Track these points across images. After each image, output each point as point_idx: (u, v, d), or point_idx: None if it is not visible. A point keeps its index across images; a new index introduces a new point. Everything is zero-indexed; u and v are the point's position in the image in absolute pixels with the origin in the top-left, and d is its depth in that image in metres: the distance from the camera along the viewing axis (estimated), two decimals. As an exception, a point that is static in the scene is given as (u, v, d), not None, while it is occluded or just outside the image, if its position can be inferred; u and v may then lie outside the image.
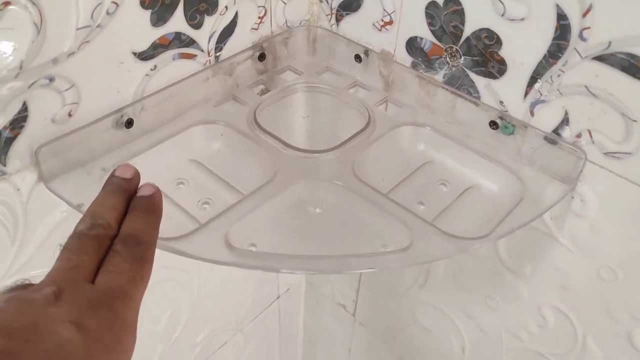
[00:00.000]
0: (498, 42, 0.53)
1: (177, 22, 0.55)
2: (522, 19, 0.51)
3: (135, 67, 0.53)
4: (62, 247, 0.30)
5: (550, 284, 0.62)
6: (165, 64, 0.56)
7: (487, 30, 0.54)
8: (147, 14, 0.52)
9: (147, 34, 0.53)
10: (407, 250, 0.48)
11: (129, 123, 0.54)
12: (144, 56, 0.53)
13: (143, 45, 0.53)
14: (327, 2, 0.67)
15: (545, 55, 0.51)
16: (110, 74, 0.52)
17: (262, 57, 0.65)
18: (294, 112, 0.67)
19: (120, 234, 0.32)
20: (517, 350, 0.71)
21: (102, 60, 0.50)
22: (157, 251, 0.33)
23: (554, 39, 0.49)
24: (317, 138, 0.68)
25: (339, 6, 0.66)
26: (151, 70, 0.55)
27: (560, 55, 0.50)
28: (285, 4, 0.65)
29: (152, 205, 0.35)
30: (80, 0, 0.45)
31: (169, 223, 0.51)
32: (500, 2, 0.51)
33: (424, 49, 0.60)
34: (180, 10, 0.54)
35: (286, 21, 0.67)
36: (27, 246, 0.53)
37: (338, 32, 0.68)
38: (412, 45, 0.61)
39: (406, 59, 0.63)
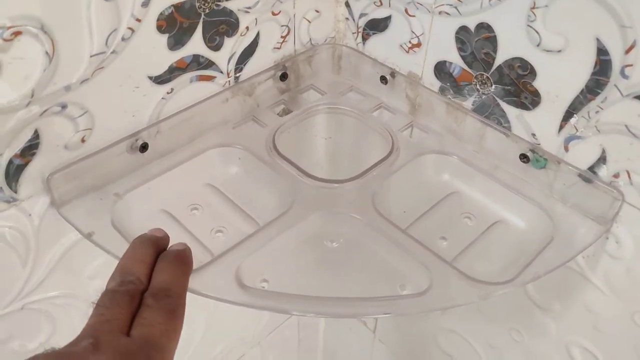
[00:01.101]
0: (532, 72, 0.50)
1: (196, 44, 0.53)
2: (559, 51, 0.47)
3: (151, 91, 0.52)
4: (94, 305, 0.30)
5: (580, 323, 0.59)
6: (182, 87, 0.54)
7: (521, 59, 0.50)
8: (164, 38, 0.50)
9: (164, 58, 0.51)
10: (424, 295, 0.45)
11: (144, 147, 0.53)
12: (160, 80, 0.52)
13: (159, 70, 0.51)
14: (354, 20, 0.64)
15: (582, 90, 0.47)
16: (125, 99, 0.50)
17: (284, 76, 0.63)
18: (315, 134, 0.64)
19: (150, 286, 0.32)
20: (542, 387, 0.67)
21: (116, 86, 0.49)
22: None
23: (593, 74, 0.46)
24: (338, 162, 0.66)
25: (365, 25, 0.63)
26: (168, 93, 0.53)
27: (600, 91, 0.46)
28: (310, 22, 0.63)
29: (181, 256, 0.36)
30: (94, 27, 0.44)
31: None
32: (536, 31, 0.48)
33: (453, 74, 0.57)
34: (199, 33, 0.52)
35: (310, 39, 0.65)
36: (38, 270, 0.52)
37: (364, 51, 0.65)
38: (441, 69, 0.58)
39: (434, 83, 0.60)
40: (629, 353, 0.56)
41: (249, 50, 0.59)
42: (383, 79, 0.63)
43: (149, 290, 0.32)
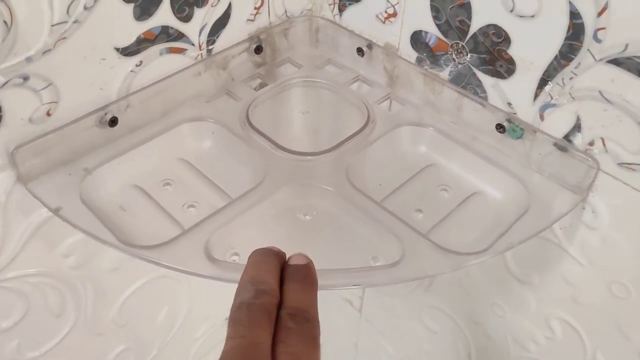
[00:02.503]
0: (506, 39, 0.49)
1: (164, 15, 0.52)
2: (533, 16, 0.46)
3: (119, 63, 0.51)
4: (229, 320, 0.28)
5: (559, 295, 0.58)
6: (152, 59, 0.53)
7: (495, 26, 0.49)
8: (129, 7, 0.49)
9: (131, 29, 0.50)
10: (396, 266, 0.44)
11: (113, 121, 0.52)
12: (128, 52, 0.51)
13: (126, 41, 0.50)
14: (330, -10, 0.63)
15: (556, 56, 0.46)
16: (92, 71, 0.49)
17: (259, 49, 0.62)
18: (292, 109, 0.63)
19: (285, 305, 0.30)
20: (524, 361, 0.67)
21: (81, 57, 0.48)
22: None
23: (567, 38, 0.45)
24: (315, 136, 0.65)
25: (341, -5, 0.62)
26: (137, 66, 0.52)
27: (573, 56, 0.45)
28: (284, -7, 0.62)
29: (309, 276, 0.33)
30: (53, -5, 0.43)
31: (152, 227, 0.50)
32: (509, -4, 0.47)
33: (429, 44, 0.56)
34: (166, 3, 0.51)
35: (285, 11, 0.63)
36: (7, 247, 0.51)
37: (341, 23, 0.64)
38: (417, 39, 0.57)
39: (411, 54, 0.59)
40: (609, 325, 0.55)
41: (221, 22, 0.57)
42: (360, 51, 0.62)
43: (285, 309, 0.30)
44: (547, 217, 0.49)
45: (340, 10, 0.63)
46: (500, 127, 0.53)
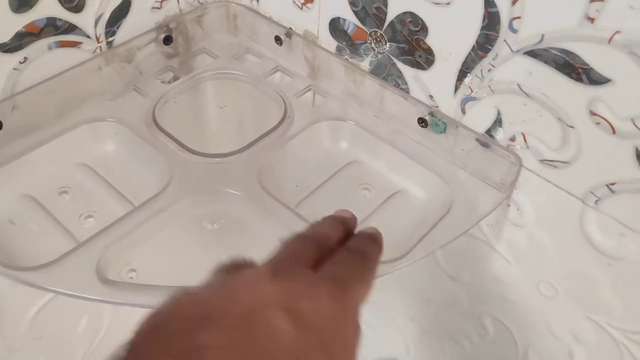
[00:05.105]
0: (424, 28, 0.46)
1: (48, 5, 0.46)
2: (448, 4, 0.43)
3: (-2, 61, 0.46)
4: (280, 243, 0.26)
5: (489, 293, 0.56)
6: (39, 55, 0.48)
7: (412, 14, 0.46)
8: (3, -2, 0.43)
9: (8, 23, 0.45)
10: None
11: (-3, 126, 0.47)
12: (7, 48, 0.46)
13: (4, 36, 0.45)
14: (245, -26, 0.58)
15: (474, 46, 0.43)
16: (-36, 71, 0.44)
17: (168, 39, 0.57)
18: (207, 103, 0.59)
19: (345, 245, 0.28)
20: (459, 357, 0.65)
21: (-53, 57, 0.42)
22: None
23: (483, 28, 0.42)
24: (231, 134, 0.61)
25: (257, -21, 0.58)
26: (20, 63, 0.47)
27: (490, 47, 0.42)
28: (193, -23, 0.57)
29: (376, 236, 0.30)
30: None
31: (43, 243, 0.45)
32: (423, -18, 0.43)
33: (348, 32, 0.52)
34: (50, -9, 0.46)
35: (197, -3, 0.59)
36: None
37: (259, 9, 0.59)
38: (336, 27, 0.53)
39: (331, 42, 0.55)
40: (539, 324, 0.53)
41: (121, 11, 0.52)
42: (278, 40, 0.58)
43: (343, 247, 0.27)
44: (471, 216, 0.46)
45: (257, -5, 0.59)
46: (422, 122, 0.50)
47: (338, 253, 0.25)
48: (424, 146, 0.51)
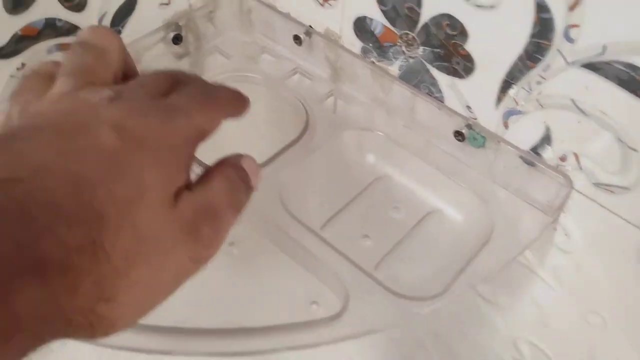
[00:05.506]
0: (463, 33, 0.41)
1: (46, 5, 0.42)
2: (492, 7, 0.38)
3: (-8, 68, 0.41)
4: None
5: (528, 319, 0.52)
6: (37, 59, 0.44)
7: (449, 16, 0.41)
8: (-5, -1, 0.39)
9: (3, 25, 0.40)
10: (339, 318, 0.37)
11: (-9, 139, 0.43)
12: (3, 53, 0.41)
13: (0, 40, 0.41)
14: (262, -34, 0.53)
15: (521, 55, 0.38)
16: (-47, 81, 0.40)
17: (177, 38, 0.52)
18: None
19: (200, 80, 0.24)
20: (490, 379, 0.61)
21: None
22: None
23: (533, 35, 0.37)
24: (244, 145, 0.56)
25: (275, -28, 0.53)
26: (18, 69, 0.43)
27: (541, 57, 0.37)
28: (206, -30, 0.52)
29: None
30: None
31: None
32: (465, -19, 0.38)
33: (375, 32, 0.47)
34: (47, -10, 0.41)
35: (210, -9, 0.54)
36: None
37: (275, 4, 0.54)
38: (361, 27, 0.48)
39: (355, 43, 0.50)
40: (581, 353, 0.49)
41: (126, 8, 0.48)
42: (297, 39, 0.53)
43: (197, 82, 0.24)
44: (514, 242, 0.42)
45: (275, -10, 0.54)
46: (459, 135, 0.45)
47: (189, 85, 0.23)
48: (459, 161, 0.46)
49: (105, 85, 0.21)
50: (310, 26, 0.52)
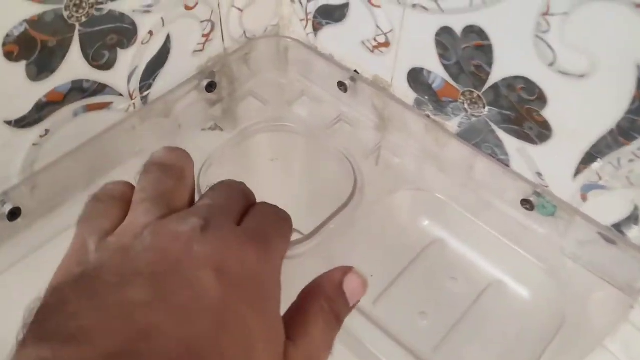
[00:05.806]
0: (541, 98, 0.36)
1: (73, 67, 0.38)
2: (582, 76, 0.33)
3: (14, 139, 0.37)
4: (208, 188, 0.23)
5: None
6: (63, 124, 0.40)
7: (526, 80, 0.36)
8: (19, 67, 0.35)
9: (25, 93, 0.36)
10: None
11: (14, 214, 0.39)
12: (25, 123, 0.37)
13: (21, 110, 0.37)
14: (301, 3, 0.49)
15: (612, 130, 0.34)
16: (-27, 157, 0.36)
17: (211, 85, 0.48)
18: (256, 163, 0.50)
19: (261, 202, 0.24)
20: None
21: (-48, 145, 0.34)
22: None
23: (630, 112, 0.32)
24: (285, 199, 0.52)
25: (317, 11, 0.48)
26: (41, 137, 0.39)
27: (637, 135, 0.33)
28: (241, 11, 0.47)
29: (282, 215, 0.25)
30: None
31: None
32: (549, 46, 0.34)
33: (433, 86, 0.43)
34: (75, 51, 0.37)
35: (245, 32, 0.49)
36: None
37: (317, 45, 0.50)
38: (417, 78, 0.44)
39: (408, 94, 0.45)
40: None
41: (158, 61, 0.43)
42: (341, 85, 0.49)
43: (261, 202, 0.24)
44: (589, 329, 0.38)
45: (315, 29, 0.49)
46: (526, 203, 0.41)
47: (259, 206, 0.23)
48: (524, 227, 0.42)
49: (185, 210, 0.20)
50: (356, 71, 0.48)
